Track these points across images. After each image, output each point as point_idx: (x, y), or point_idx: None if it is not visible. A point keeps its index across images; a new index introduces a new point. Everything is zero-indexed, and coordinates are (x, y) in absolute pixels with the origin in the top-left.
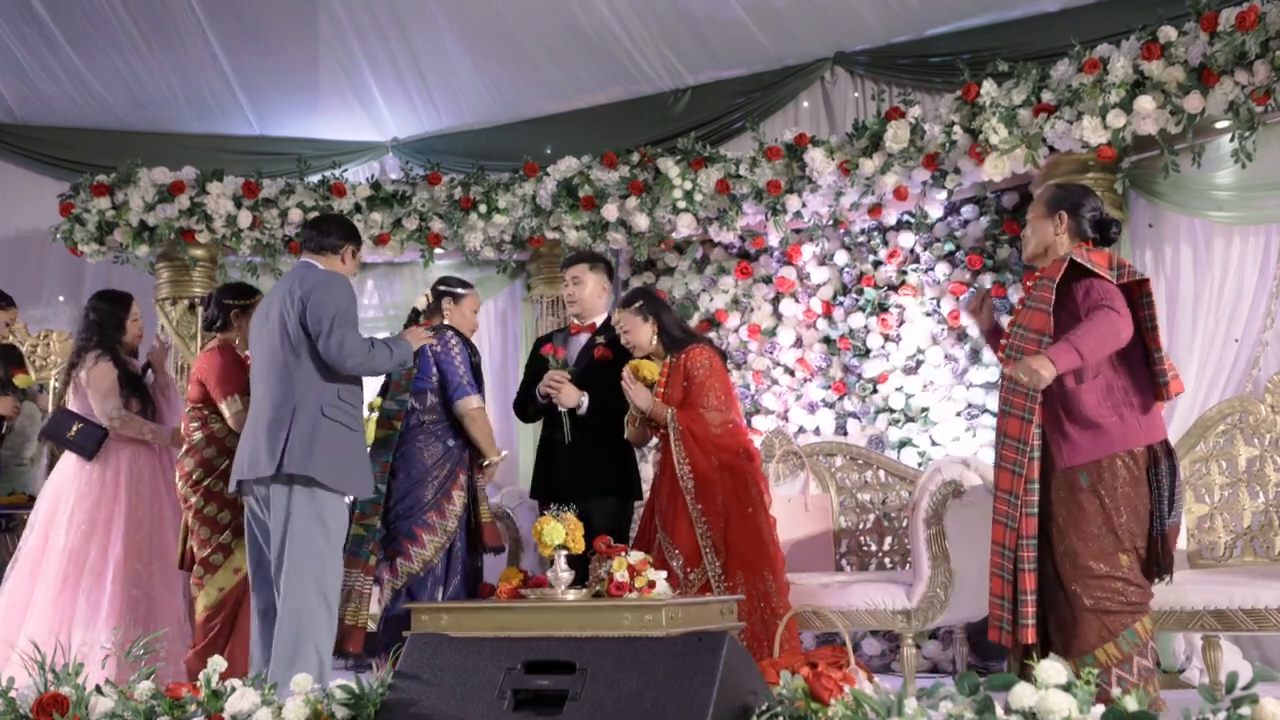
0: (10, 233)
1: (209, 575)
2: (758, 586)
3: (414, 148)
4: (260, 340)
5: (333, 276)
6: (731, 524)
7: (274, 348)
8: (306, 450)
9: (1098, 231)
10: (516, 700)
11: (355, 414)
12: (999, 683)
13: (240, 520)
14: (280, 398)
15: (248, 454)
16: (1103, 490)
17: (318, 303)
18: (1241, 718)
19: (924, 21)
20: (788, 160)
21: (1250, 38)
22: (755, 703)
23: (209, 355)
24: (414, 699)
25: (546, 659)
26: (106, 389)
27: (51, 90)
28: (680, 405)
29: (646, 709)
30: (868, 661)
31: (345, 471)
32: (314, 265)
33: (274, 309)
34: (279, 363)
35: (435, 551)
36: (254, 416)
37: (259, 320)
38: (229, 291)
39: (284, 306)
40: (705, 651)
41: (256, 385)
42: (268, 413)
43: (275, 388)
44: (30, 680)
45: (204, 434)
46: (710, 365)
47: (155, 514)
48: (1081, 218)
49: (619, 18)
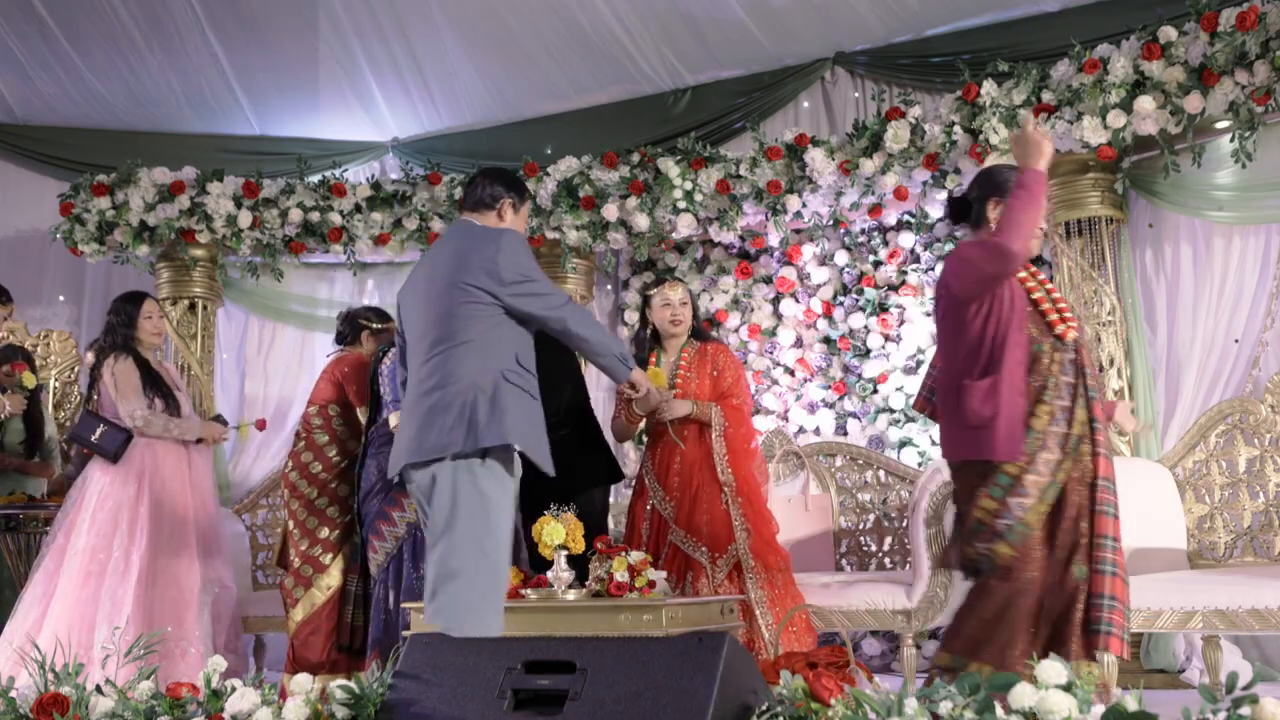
0: (10, 233)
1: (318, 573)
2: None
3: (414, 148)
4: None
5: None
6: (756, 508)
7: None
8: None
9: None
10: (516, 700)
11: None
12: (999, 683)
13: (342, 535)
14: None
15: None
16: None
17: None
18: (1241, 718)
19: (924, 21)
20: (788, 160)
21: (1250, 38)
22: (755, 703)
23: (352, 362)
24: (414, 699)
25: (546, 659)
26: (129, 390)
27: (51, 90)
28: (708, 395)
29: (646, 709)
30: (868, 661)
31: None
32: (472, 224)
33: (439, 275)
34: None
35: (385, 556)
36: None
37: (411, 294)
38: (366, 314)
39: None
40: (705, 651)
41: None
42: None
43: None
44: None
45: (328, 433)
46: (738, 364)
47: (178, 514)
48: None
49: (619, 18)
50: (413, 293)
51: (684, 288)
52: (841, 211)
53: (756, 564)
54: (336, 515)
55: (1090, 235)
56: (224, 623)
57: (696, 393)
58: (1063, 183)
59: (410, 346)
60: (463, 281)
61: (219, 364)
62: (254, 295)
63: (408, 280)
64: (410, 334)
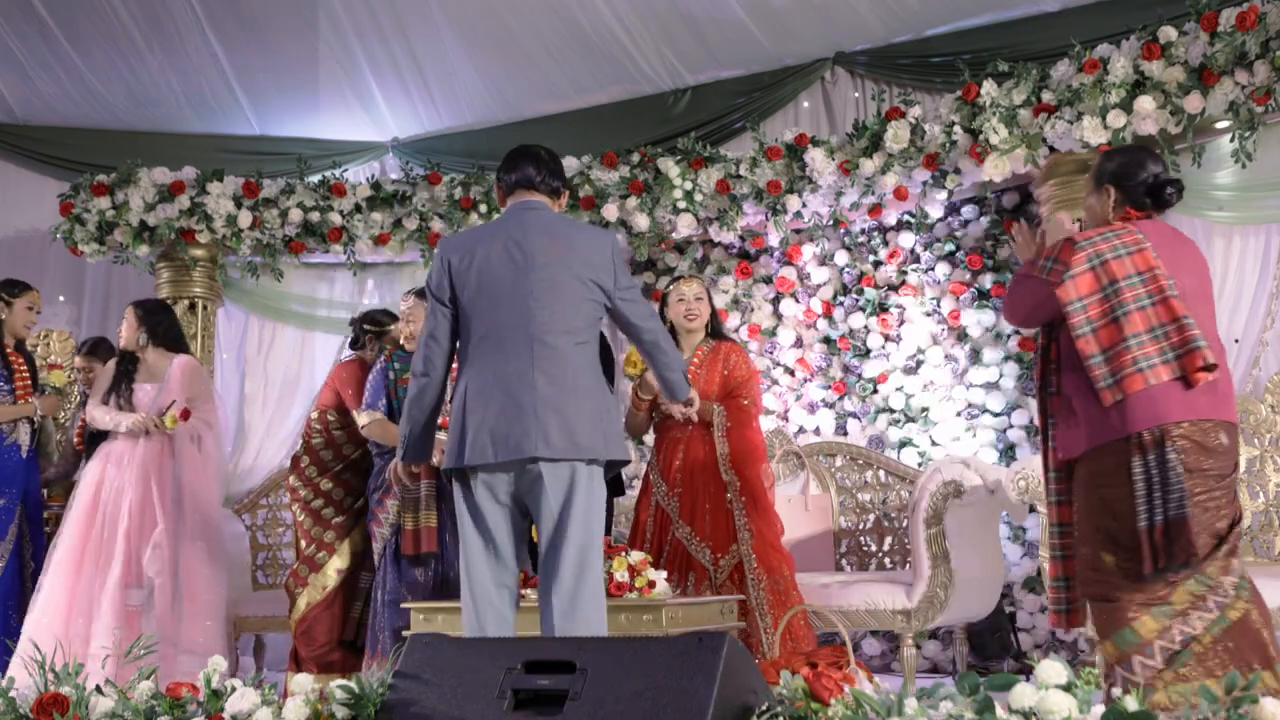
0: (10, 233)
1: (313, 573)
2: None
3: (414, 148)
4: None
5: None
6: (761, 509)
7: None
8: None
9: (1152, 198)
10: (516, 700)
11: None
12: (999, 683)
13: (347, 520)
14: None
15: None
16: (1093, 483)
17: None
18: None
19: (924, 21)
20: (788, 160)
21: (1250, 38)
22: (755, 703)
23: (349, 366)
24: (414, 699)
25: (546, 659)
26: (95, 388)
27: (52, 90)
28: (717, 393)
29: (647, 709)
30: (868, 661)
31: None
32: (551, 210)
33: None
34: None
35: (377, 557)
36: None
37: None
38: (367, 318)
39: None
40: (705, 651)
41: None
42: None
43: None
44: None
45: (324, 438)
46: (750, 365)
47: (108, 509)
48: (1132, 187)
49: (619, 18)
50: (501, 269)
51: (700, 284)
52: (841, 211)
53: (759, 566)
54: (332, 516)
55: None
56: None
57: (705, 391)
58: (1063, 183)
59: (492, 325)
60: (587, 277)
61: (219, 364)
62: (254, 295)
63: (478, 248)
64: (490, 313)
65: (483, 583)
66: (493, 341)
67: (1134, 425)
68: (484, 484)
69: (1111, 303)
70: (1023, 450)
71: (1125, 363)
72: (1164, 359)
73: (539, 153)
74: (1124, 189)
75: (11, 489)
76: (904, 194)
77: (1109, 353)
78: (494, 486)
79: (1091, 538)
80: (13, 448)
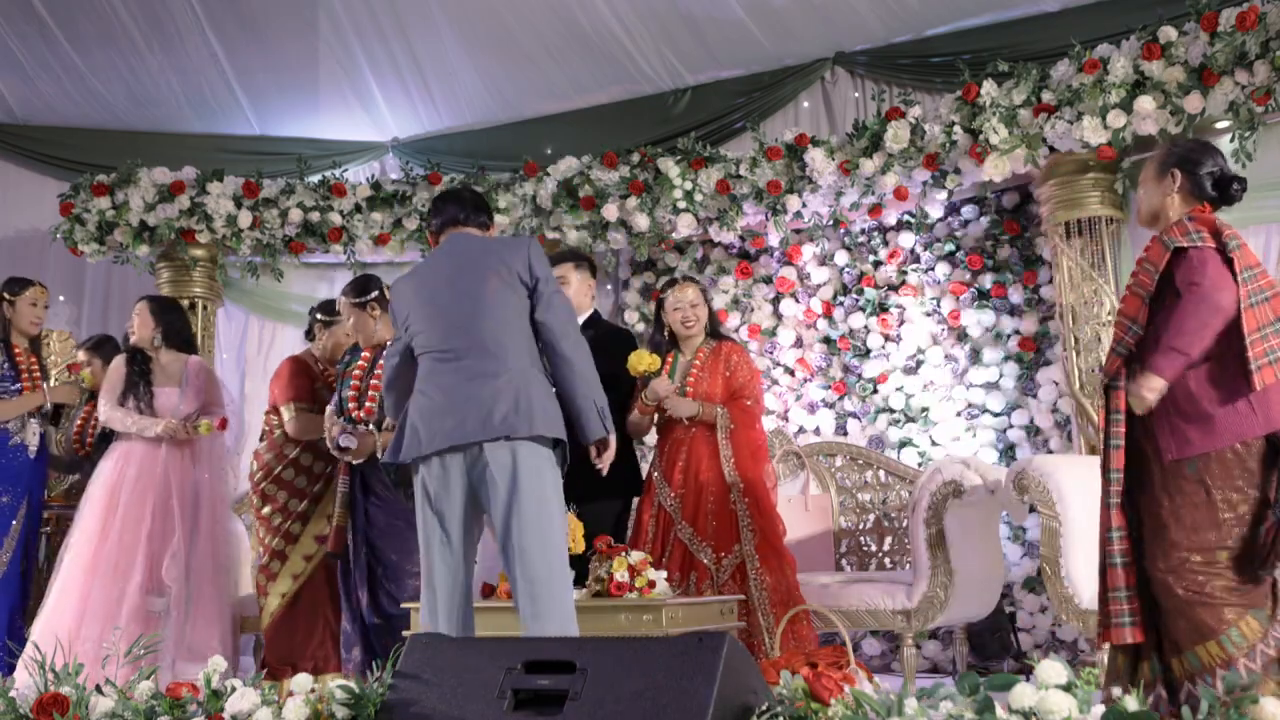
0: (10, 233)
1: (281, 564)
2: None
3: (414, 148)
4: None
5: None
6: (764, 510)
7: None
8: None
9: (1218, 191)
10: (516, 700)
11: None
12: (999, 683)
13: (308, 510)
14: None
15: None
16: (1209, 481)
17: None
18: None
19: (924, 21)
20: (788, 160)
21: (1250, 38)
22: (755, 703)
23: (285, 362)
24: (414, 699)
25: (546, 659)
26: (106, 387)
27: (52, 90)
28: (720, 395)
29: (647, 709)
30: (868, 661)
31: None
32: (476, 236)
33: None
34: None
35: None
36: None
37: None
38: (320, 307)
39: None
40: (705, 651)
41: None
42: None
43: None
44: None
45: (267, 439)
46: (752, 365)
47: (134, 511)
48: (1199, 176)
49: (619, 18)
50: (430, 292)
51: (695, 288)
52: (841, 211)
53: (761, 566)
54: (274, 521)
55: (1090, 235)
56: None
57: (709, 392)
58: (1063, 183)
59: (427, 342)
60: (506, 276)
61: (219, 364)
62: (254, 295)
63: (414, 280)
64: (426, 332)
65: (439, 576)
66: (428, 356)
67: (1277, 421)
68: (436, 476)
69: (1249, 288)
70: (1022, 450)
71: (1261, 352)
72: None
73: (462, 194)
74: (1190, 176)
75: (17, 488)
76: (904, 194)
77: (1253, 336)
78: (446, 479)
79: (1203, 533)
80: (19, 448)
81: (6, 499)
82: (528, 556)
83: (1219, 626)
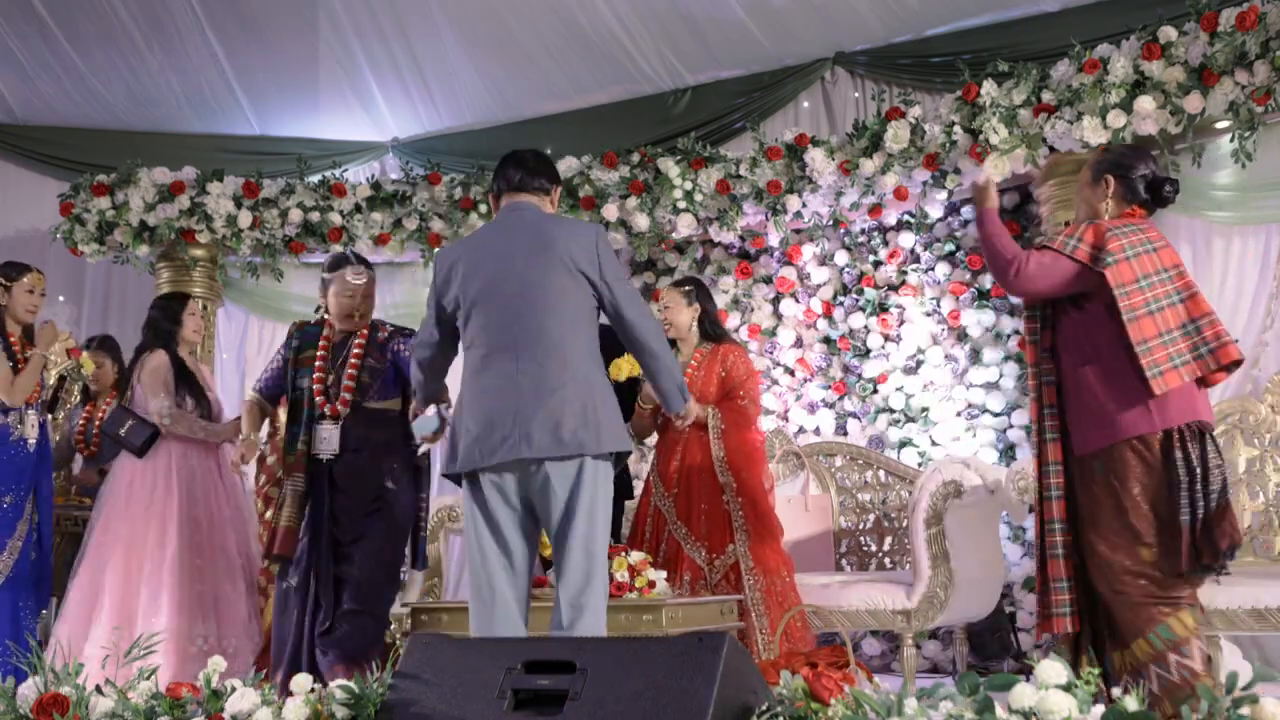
0: (10, 233)
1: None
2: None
3: (414, 148)
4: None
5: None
6: (759, 511)
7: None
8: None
9: (1150, 194)
10: (516, 700)
11: None
12: (999, 683)
13: None
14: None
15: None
16: (1115, 481)
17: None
18: (1241, 718)
19: (924, 21)
20: (788, 160)
21: (1250, 38)
22: (755, 702)
23: None
24: (414, 699)
25: (547, 659)
26: (159, 386)
27: (51, 90)
28: (715, 396)
29: (647, 709)
30: (868, 661)
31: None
32: (532, 207)
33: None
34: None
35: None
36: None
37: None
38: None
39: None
40: (705, 651)
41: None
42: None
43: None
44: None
45: (270, 443)
46: (749, 365)
47: (211, 513)
48: (1131, 180)
49: (619, 18)
50: (486, 274)
51: (670, 291)
52: (841, 211)
53: (755, 567)
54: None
55: None
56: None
57: (703, 394)
58: (1063, 183)
59: (480, 331)
60: (574, 270)
61: (219, 364)
62: (254, 295)
63: (466, 257)
64: (479, 319)
65: (499, 587)
66: (483, 346)
67: (1174, 419)
68: (493, 485)
69: (1146, 295)
70: (1023, 450)
71: (1163, 358)
72: (1196, 355)
73: (523, 156)
74: (1123, 180)
75: (20, 485)
76: (904, 194)
77: (1150, 344)
78: (503, 488)
79: (1119, 534)
80: (19, 443)
81: (9, 499)
82: (571, 571)
83: (1146, 626)
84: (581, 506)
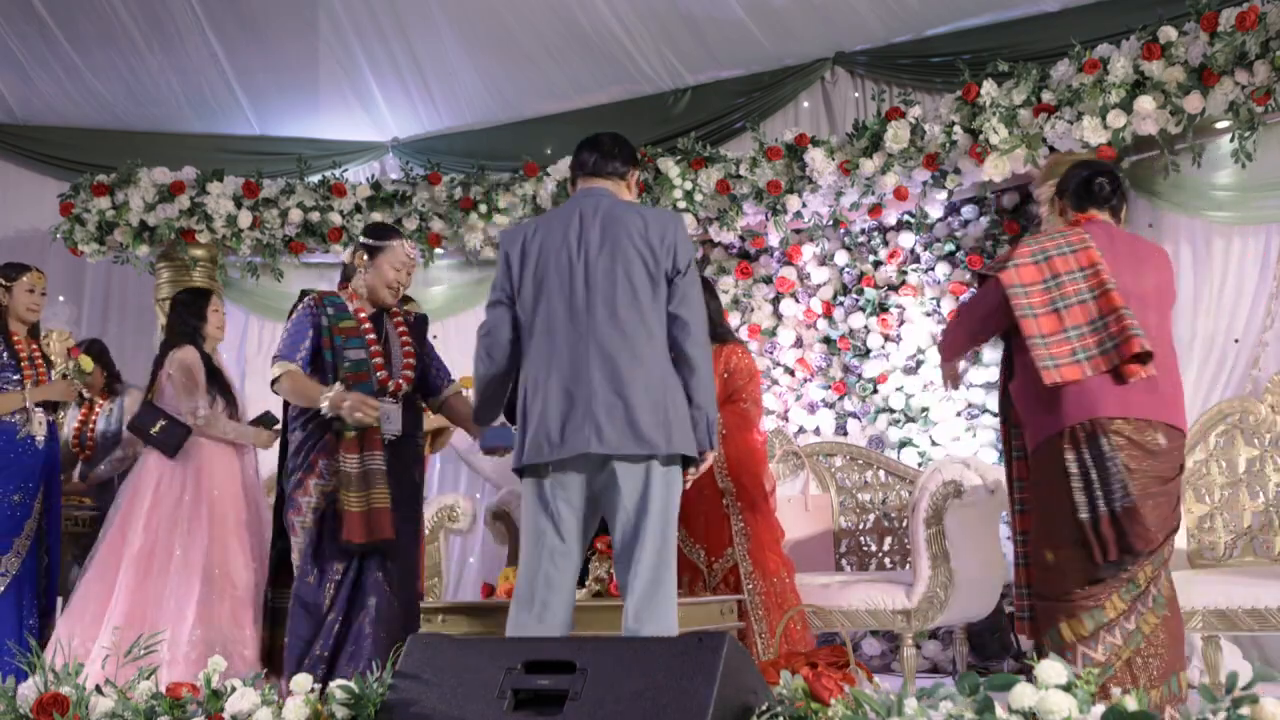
0: (10, 233)
1: None
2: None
3: (414, 148)
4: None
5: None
6: (759, 515)
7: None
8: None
9: (1087, 195)
10: (516, 700)
11: None
12: (999, 683)
13: None
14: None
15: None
16: (1040, 482)
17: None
18: (1241, 718)
19: (924, 21)
20: (788, 160)
21: (1250, 38)
22: (755, 702)
23: None
24: (414, 699)
25: (546, 659)
26: (190, 383)
27: (51, 90)
28: (718, 398)
29: (647, 709)
30: (868, 661)
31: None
32: (606, 193)
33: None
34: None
35: (300, 556)
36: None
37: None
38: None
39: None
40: (705, 651)
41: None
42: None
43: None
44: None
45: None
46: (752, 366)
47: (235, 513)
48: (1071, 193)
49: (619, 18)
50: (556, 259)
51: None
52: (841, 211)
53: (755, 569)
54: None
55: None
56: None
57: None
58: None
59: (548, 318)
60: (647, 260)
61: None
62: (254, 295)
63: (535, 240)
64: (546, 305)
65: (556, 583)
66: (549, 335)
67: (1067, 419)
68: (558, 482)
69: (1053, 294)
70: None
71: (1064, 352)
72: (1102, 350)
73: (600, 139)
74: (1064, 196)
75: (28, 484)
76: (904, 194)
77: (1050, 339)
78: (566, 485)
79: (1039, 534)
80: (26, 441)
81: (19, 498)
82: (641, 571)
83: (1045, 626)
84: (653, 510)
